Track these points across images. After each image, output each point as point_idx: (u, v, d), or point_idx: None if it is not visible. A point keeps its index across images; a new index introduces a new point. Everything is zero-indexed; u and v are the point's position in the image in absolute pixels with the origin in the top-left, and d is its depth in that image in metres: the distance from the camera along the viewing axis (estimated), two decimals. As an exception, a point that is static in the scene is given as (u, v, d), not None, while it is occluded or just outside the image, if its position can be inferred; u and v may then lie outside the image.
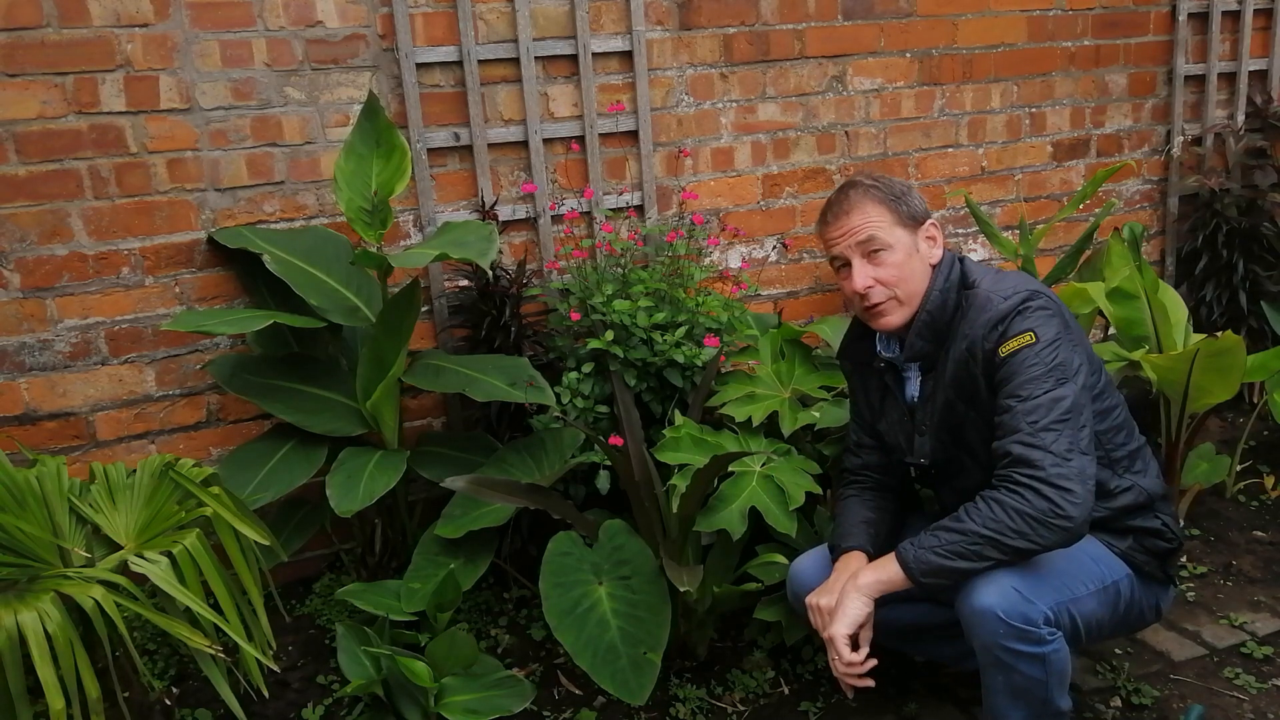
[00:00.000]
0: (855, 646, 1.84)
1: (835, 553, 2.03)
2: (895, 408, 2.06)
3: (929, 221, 1.96)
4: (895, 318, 1.93)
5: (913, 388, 2.02)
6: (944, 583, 1.78)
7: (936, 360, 1.94)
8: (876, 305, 1.93)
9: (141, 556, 1.84)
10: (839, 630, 1.82)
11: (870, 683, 1.84)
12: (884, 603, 1.97)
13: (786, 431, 2.44)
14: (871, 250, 1.90)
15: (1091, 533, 1.84)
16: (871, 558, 1.95)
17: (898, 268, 1.90)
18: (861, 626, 1.84)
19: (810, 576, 2.04)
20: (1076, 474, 1.72)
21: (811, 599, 1.92)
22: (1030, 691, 1.77)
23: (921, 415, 1.99)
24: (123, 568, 1.85)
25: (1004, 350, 1.81)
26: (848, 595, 1.84)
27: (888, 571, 1.83)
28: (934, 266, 1.94)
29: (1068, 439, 1.74)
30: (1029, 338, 1.79)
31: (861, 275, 1.91)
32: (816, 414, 2.49)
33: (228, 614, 1.88)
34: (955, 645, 2.15)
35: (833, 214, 1.95)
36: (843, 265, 1.95)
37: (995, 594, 1.73)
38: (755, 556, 2.33)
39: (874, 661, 1.84)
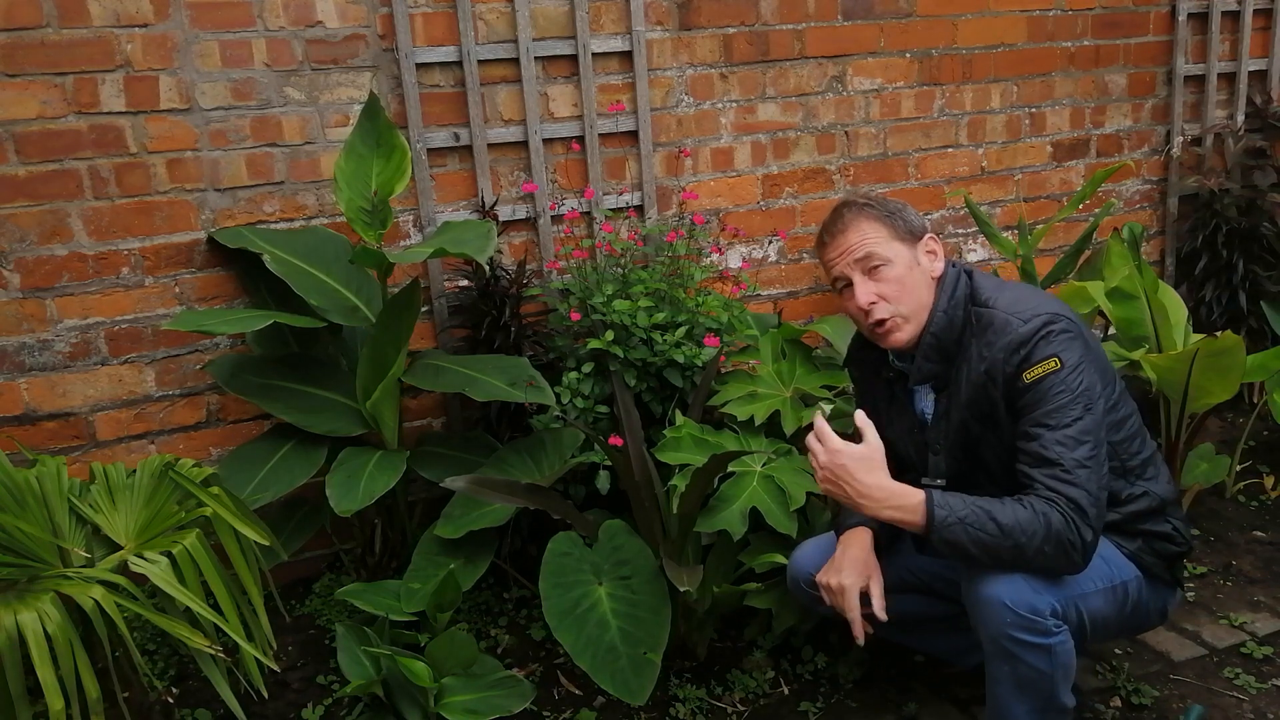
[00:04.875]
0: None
1: (840, 531, 2.04)
2: (904, 417, 2.03)
3: (927, 235, 1.94)
4: (903, 334, 1.90)
5: (924, 403, 2.01)
6: (948, 553, 1.77)
7: (949, 379, 1.92)
8: (883, 322, 1.90)
9: (141, 557, 1.84)
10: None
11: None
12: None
13: (789, 430, 2.44)
14: (871, 267, 1.88)
15: (1103, 533, 1.84)
16: (877, 536, 1.97)
17: (899, 282, 1.88)
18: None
19: (810, 563, 2.05)
20: (1098, 518, 1.75)
21: (820, 578, 1.95)
22: (1036, 684, 1.77)
23: (935, 434, 1.97)
24: (123, 568, 1.85)
25: (1028, 376, 1.79)
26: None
27: (910, 500, 1.78)
28: (937, 280, 1.92)
29: (1097, 476, 1.76)
30: (1054, 364, 1.78)
31: (864, 291, 1.89)
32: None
33: (228, 614, 1.88)
34: (952, 639, 2.16)
35: (829, 235, 1.94)
36: (845, 285, 1.93)
37: (1003, 583, 1.74)
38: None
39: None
